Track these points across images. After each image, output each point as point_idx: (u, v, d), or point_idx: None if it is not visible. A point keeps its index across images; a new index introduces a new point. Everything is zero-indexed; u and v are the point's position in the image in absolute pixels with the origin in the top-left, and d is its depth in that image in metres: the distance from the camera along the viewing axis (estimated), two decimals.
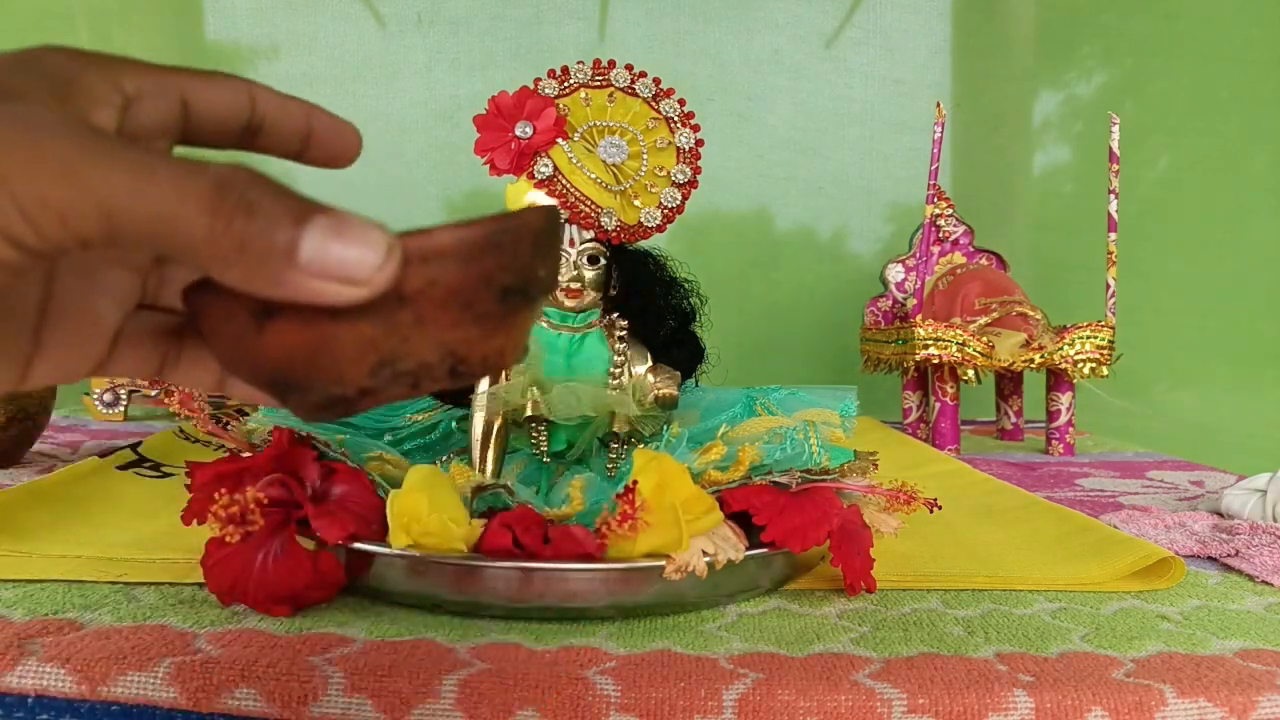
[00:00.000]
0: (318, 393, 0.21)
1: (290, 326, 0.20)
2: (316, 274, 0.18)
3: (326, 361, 0.20)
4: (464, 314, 0.21)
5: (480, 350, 0.22)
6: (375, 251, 0.19)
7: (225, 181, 0.18)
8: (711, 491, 0.42)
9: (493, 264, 0.21)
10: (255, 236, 0.18)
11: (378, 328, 0.20)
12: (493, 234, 0.21)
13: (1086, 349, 0.85)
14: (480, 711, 0.32)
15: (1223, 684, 0.33)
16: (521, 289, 0.22)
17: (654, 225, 0.47)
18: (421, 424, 0.51)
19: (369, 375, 0.21)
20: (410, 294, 0.20)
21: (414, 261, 0.20)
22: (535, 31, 1.20)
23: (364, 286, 0.19)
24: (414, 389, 0.22)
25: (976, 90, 1.26)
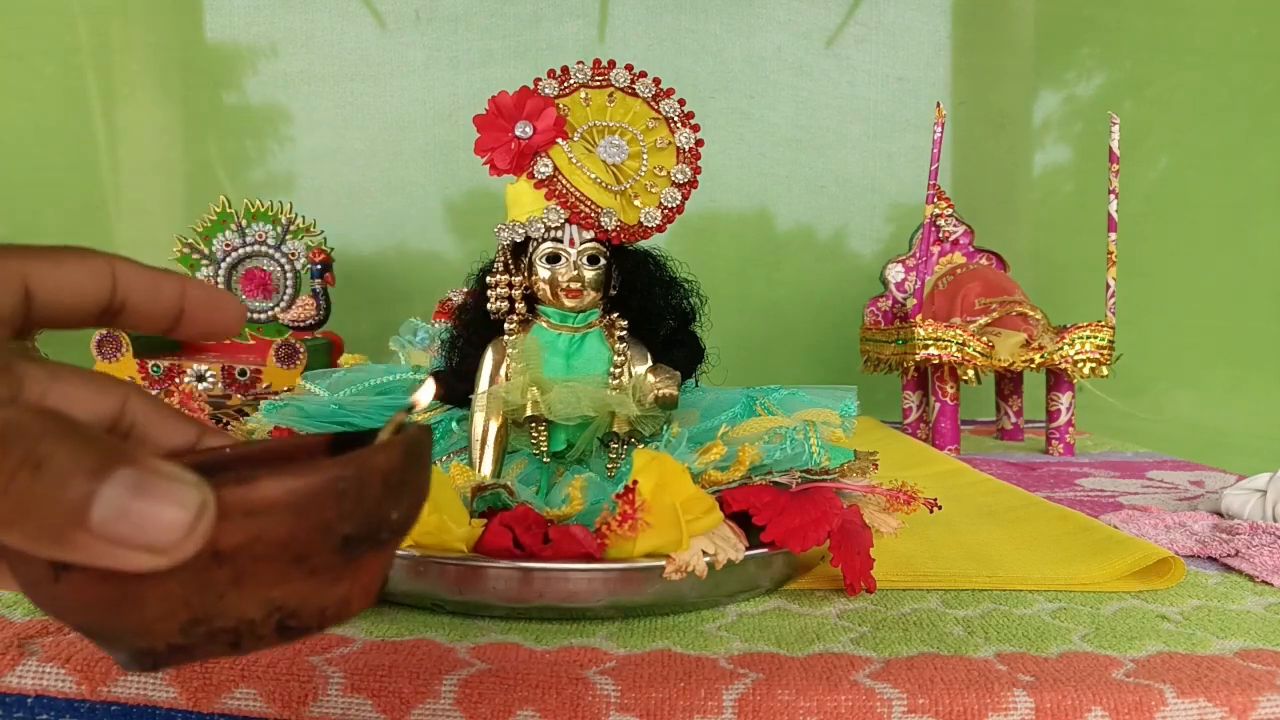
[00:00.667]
0: (124, 644, 0.19)
1: (88, 580, 0.18)
2: (111, 538, 0.16)
3: (130, 616, 0.18)
4: (294, 568, 0.18)
5: (316, 602, 0.19)
6: (183, 513, 0.16)
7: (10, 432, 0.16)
8: (711, 491, 0.42)
9: (332, 513, 0.18)
10: (40, 498, 0.16)
11: (188, 586, 0.18)
12: (331, 482, 0.18)
13: (1086, 349, 0.85)
14: (480, 711, 0.32)
15: (1223, 684, 0.33)
16: (370, 535, 0.19)
17: (654, 225, 0.47)
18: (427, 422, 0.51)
19: (180, 633, 0.18)
20: (228, 551, 0.18)
21: (235, 516, 0.17)
22: (535, 29, 1.19)
23: (165, 555, 0.16)
24: (235, 648, 0.19)
25: (978, 89, 1.25)
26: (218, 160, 1.20)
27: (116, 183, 1.20)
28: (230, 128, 1.21)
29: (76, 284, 0.21)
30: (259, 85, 1.20)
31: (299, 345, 0.97)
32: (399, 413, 0.22)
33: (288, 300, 1.00)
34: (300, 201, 1.02)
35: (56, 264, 0.21)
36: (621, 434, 0.47)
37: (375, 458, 0.19)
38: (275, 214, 0.99)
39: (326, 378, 0.55)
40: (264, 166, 1.22)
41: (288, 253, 1.00)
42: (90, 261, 0.21)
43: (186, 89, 1.19)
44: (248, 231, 0.99)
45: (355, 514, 0.19)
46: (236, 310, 0.24)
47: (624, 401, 0.45)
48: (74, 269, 0.21)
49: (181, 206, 1.20)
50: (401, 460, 0.20)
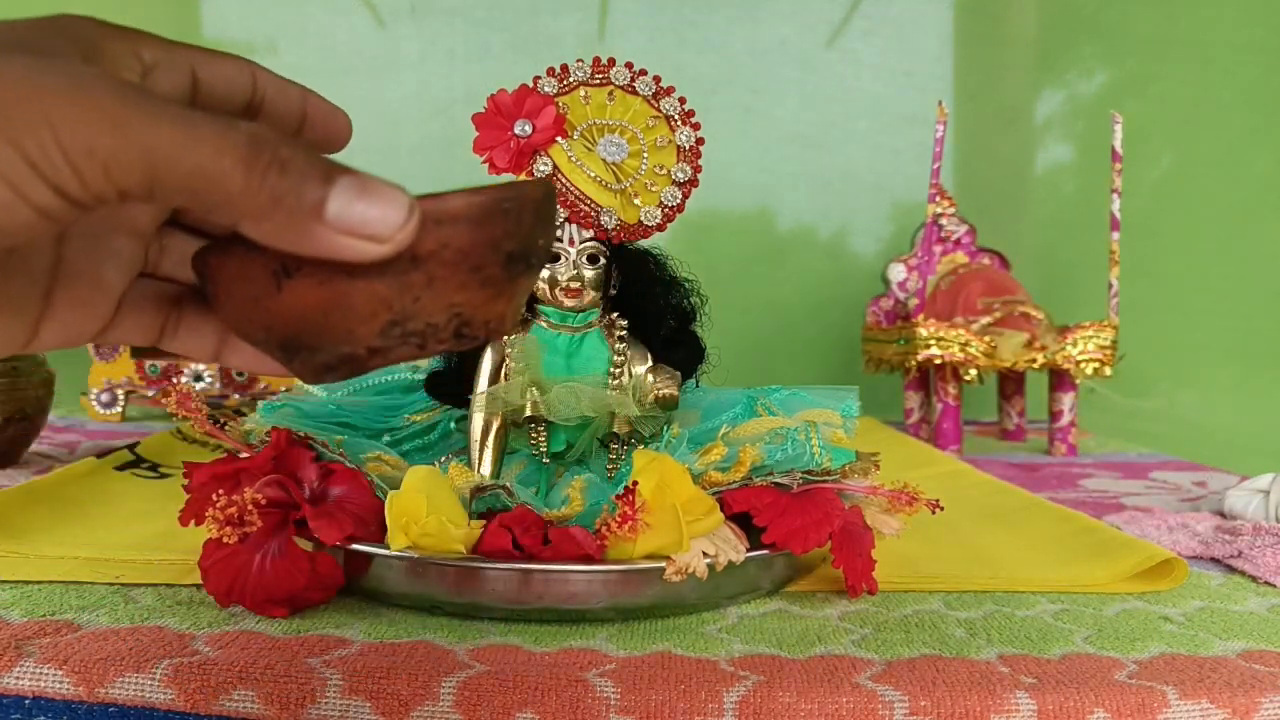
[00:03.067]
0: (328, 352, 0.22)
1: (308, 285, 0.21)
2: (342, 229, 0.19)
3: (339, 320, 0.21)
4: (472, 277, 0.21)
5: (484, 313, 0.22)
6: (397, 210, 0.20)
7: (259, 139, 0.19)
8: (712, 492, 0.41)
9: (500, 230, 0.21)
10: (287, 192, 0.19)
11: (391, 287, 0.21)
12: (500, 201, 0.21)
13: (1089, 349, 0.85)
14: (479, 714, 0.31)
15: (1225, 685, 0.33)
16: (524, 256, 0.22)
17: (654, 224, 0.46)
18: (420, 424, 0.51)
19: (379, 334, 0.21)
20: (424, 255, 0.21)
21: (428, 223, 0.20)
22: (533, 22, 1.18)
23: (385, 243, 0.20)
24: (420, 349, 0.22)
25: (982, 85, 1.25)
26: None
27: None
28: None
29: (229, 76, 0.24)
30: None
31: None
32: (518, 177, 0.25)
33: None
34: None
35: (215, 59, 0.24)
36: (621, 434, 0.47)
37: (527, 188, 0.22)
38: None
39: None
40: None
41: None
42: (238, 60, 0.24)
43: None
44: None
45: (517, 233, 0.22)
46: (347, 122, 0.27)
47: (624, 402, 0.45)
48: (227, 64, 0.24)
49: None
50: (544, 194, 0.23)
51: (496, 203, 0.21)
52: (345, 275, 0.21)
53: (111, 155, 0.18)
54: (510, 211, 0.22)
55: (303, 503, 0.39)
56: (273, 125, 0.25)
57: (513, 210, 0.22)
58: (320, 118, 0.26)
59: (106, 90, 0.18)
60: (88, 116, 0.18)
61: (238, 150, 0.19)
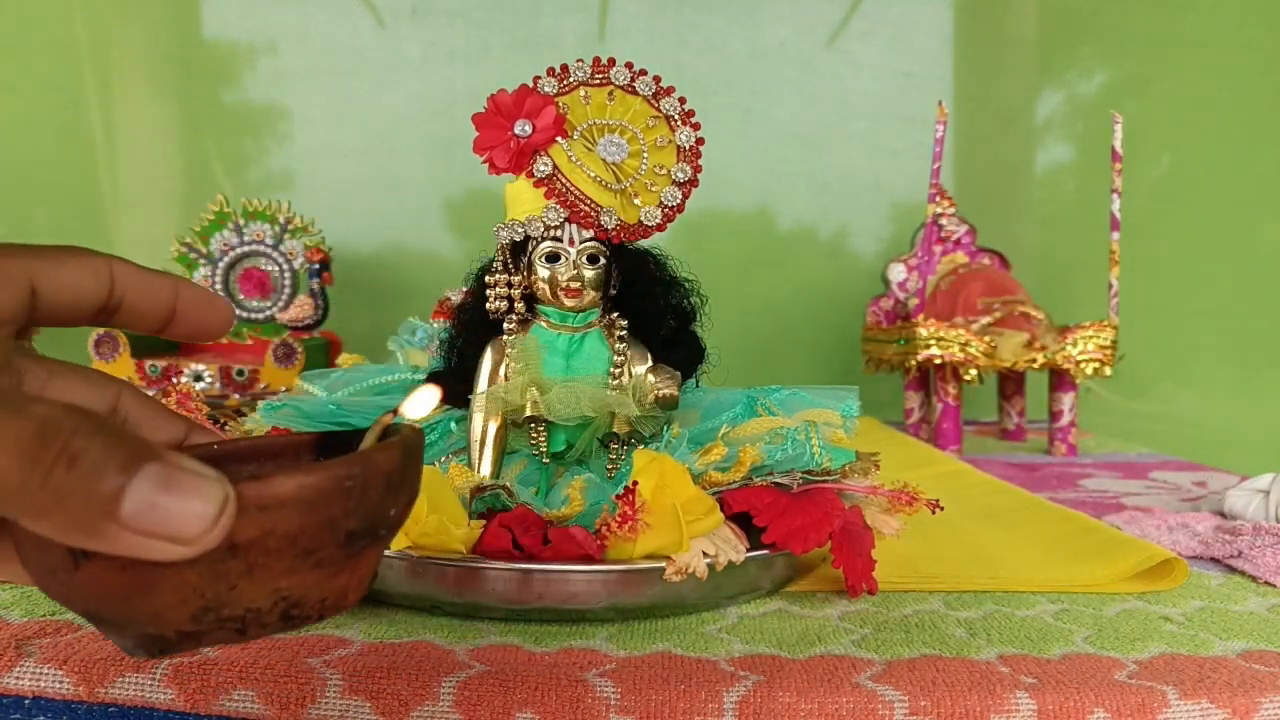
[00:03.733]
0: (132, 631, 0.20)
1: (107, 569, 0.19)
2: (140, 530, 0.17)
3: (143, 604, 0.19)
4: (301, 561, 0.20)
5: (318, 593, 0.21)
6: (206, 506, 0.18)
7: (49, 427, 0.17)
8: (712, 492, 0.41)
9: (338, 509, 0.20)
10: (75, 489, 0.17)
11: (203, 576, 0.19)
12: (340, 480, 0.20)
13: (1089, 349, 0.85)
14: (479, 714, 0.31)
15: (1225, 685, 0.33)
16: (370, 531, 0.21)
17: (654, 224, 0.46)
18: (420, 424, 0.50)
19: (190, 620, 0.20)
20: (243, 544, 0.19)
21: (249, 510, 0.19)
22: (533, 23, 1.18)
23: (190, 545, 0.18)
24: (240, 634, 0.20)
25: (981, 85, 1.25)
26: (215, 158, 1.20)
27: (113, 181, 1.19)
28: (228, 125, 1.20)
29: (78, 283, 0.22)
30: (256, 82, 1.19)
31: (297, 345, 0.96)
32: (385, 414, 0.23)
33: (285, 300, 0.99)
34: (298, 200, 1.02)
35: (60, 263, 0.22)
36: (621, 434, 0.47)
37: (378, 458, 0.21)
38: (273, 213, 0.99)
39: (324, 377, 0.55)
40: (262, 165, 1.22)
41: (285, 252, 0.99)
42: (91, 261, 0.22)
43: (183, 86, 1.19)
44: (245, 230, 0.99)
45: (360, 511, 0.20)
46: (225, 312, 0.25)
47: (624, 402, 0.45)
48: (76, 268, 0.22)
49: (179, 205, 1.20)
50: (401, 460, 0.21)
51: (336, 482, 0.20)
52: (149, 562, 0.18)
53: None
54: (353, 489, 0.20)
55: None
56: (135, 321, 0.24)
57: (356, 488, 0.20)
58: (192, 311, 0.24)
59: None
60: None
61: (19, 443, 0.17)
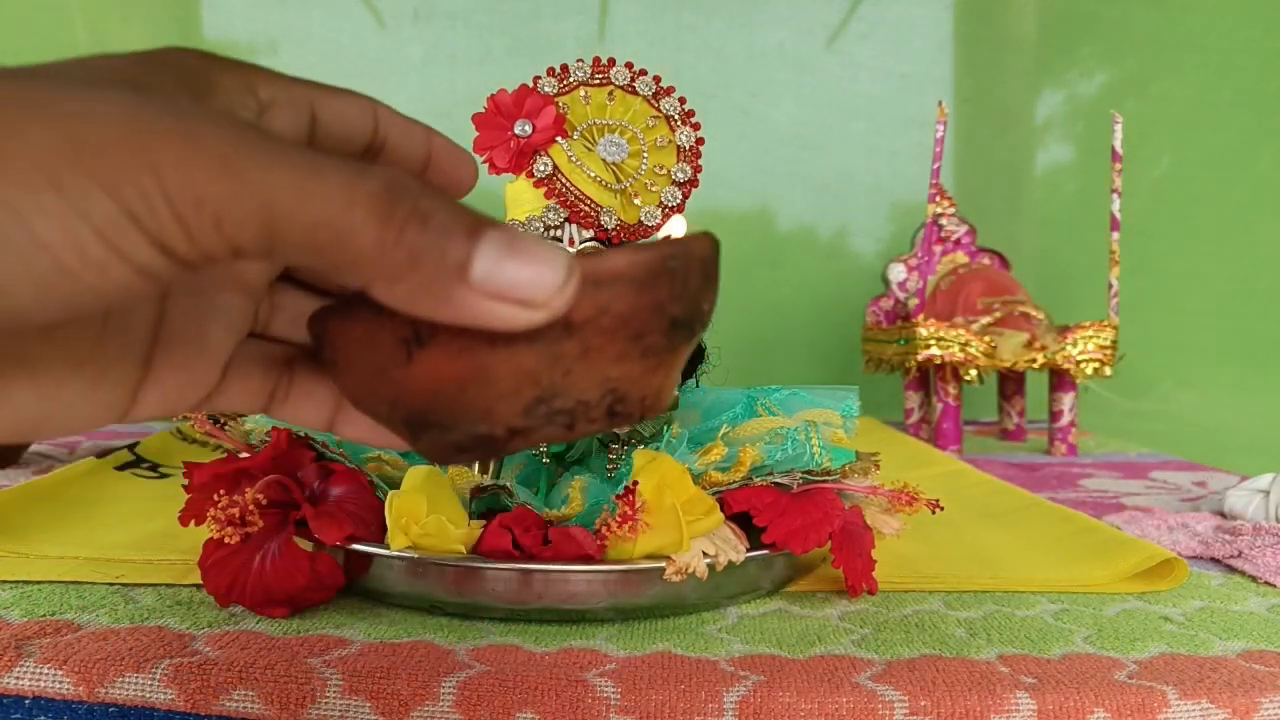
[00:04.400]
0: (461, 431, 0.19)
1: (444, 355, 0.18)
2: (490, 294, 0.17)
3: (478, 395, 0.18)
4: (632, 346, 0.19)
5: (641, 389, 0.20)
6: (554, 271, 0.17)
7: (396, 188, 0.16)
8: (712, 492, 0.41)
9: (665, 292, 0.19)
10: (427, 250, 0.16)
11: (540, 359, 0.18)
12: (665, 259, 0.19)
13: (1089, 349, 0.85)
14: (479, 714, 0.31)
15: (1225, 685, 0.33)
16: (689, 321, 0.20)
17: (654, 224, 0.46)
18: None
19: (523, 413, 0.19)
20: (579, 322, 0.18)
21: (585, 286, 0.18)
22: (534, 26, 1.19)
23: (539, 310, 0.17)
24: (569, 430, 0.19)
25: (980, 86, 1.25)
26: None
27: None
28: None
29: (350, 116, 0.22)
30: None
31: None
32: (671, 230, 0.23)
33: None
34: None
35: (335, 96, 0.22)
36: (621, 434, 0.47)
37: (694, 244, 0.20)
38: None
39: None
40: None
41: None
42: (360, 99, 0.23)
43: None
44: None
45: (682, 296, 0.19)
46: (473, 166, 0.24)
47: None
48: (350, 101, 0.22)
49: None
50: (712, 249, 0.21)
51: (662, 261, 0.19)
52: (487, 344, 0.18)
53: (224, 206, 0.16)
54: (676, 271, 0.19)
55: (303, 503, 0.39)
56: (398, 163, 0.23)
57: (679, 269, 0.19)
58: (445, 161, 0.24)
59: (219, 131, 0.16)
60: (197, 161, 0.15)
61: (371, 201, 0.16)
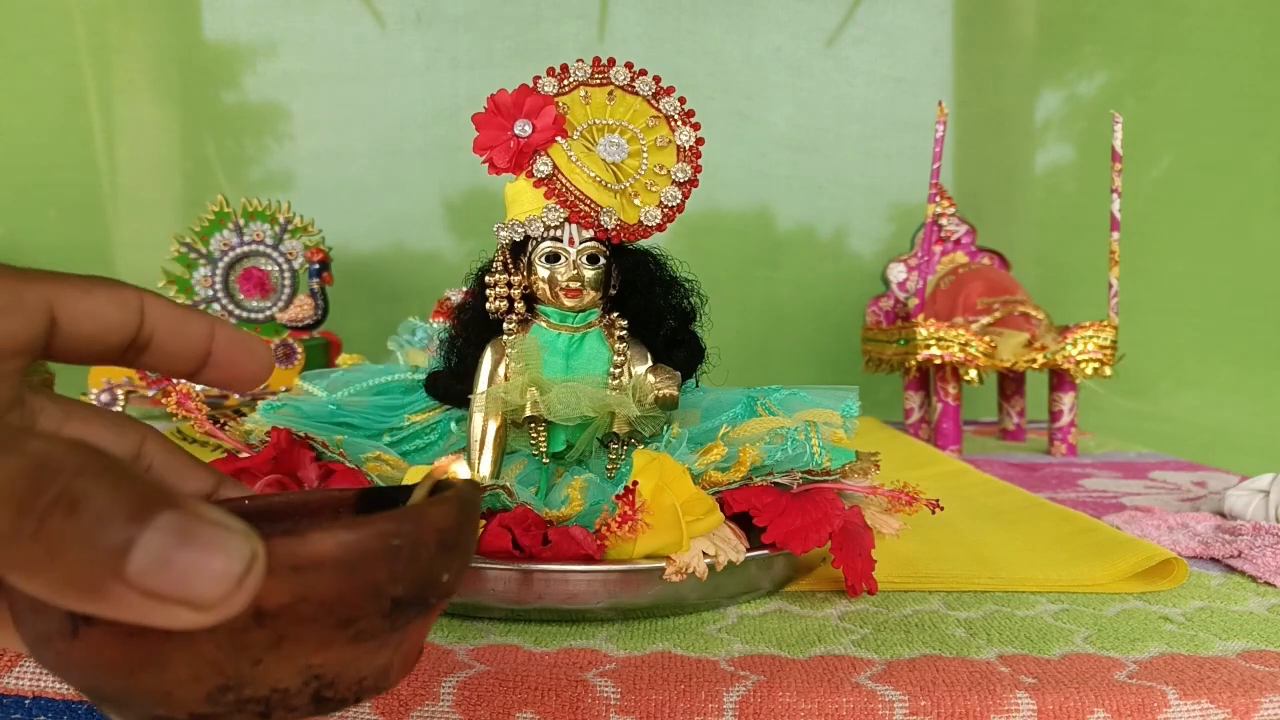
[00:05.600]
0: (138, 712, 0.17)
1: (110, 637, 0.16)
2: (149, 591, 0.14)
3: (151, 680, 0.16)
4: (338, 633, 0.17)
5: (355, 672, 0.18)
6: (230, 563, 0.15)
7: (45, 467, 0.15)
8: (712, 492, 0.41)
9: (384, 573, 0.17)
10: (73, 541, 0.14)
11: (222, 649, 0.16)
12: (387, 537, 0.17)
13: (1089, 349, 0.85)
14: (479, 713, 0.31)
15: (1225, 685, 0.33)
16: (419, 599, 0.18)
17: (654, 224, 0.46)
18: (420, 424, 0.51)
19: (206, 700, 0.17)
20: (272, 610, 0.16)
21: (281, 571, 0.16)
22: (535, 30, 1.19)
23: (209, 611, 0.15)
24: (265, 718, 0.17)
25: (979, 89, 1.25)
26: (216, 159, 1.20)
27: (115, 182, 1.19)
28: (229, 127, 1.20)
29: (104, 315, 0.20)
30: (258, 84, 1.19)
31: (296, 345, 0.96)
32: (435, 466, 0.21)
33: (285, 300, 1.00)
34: (299, 201, 1.02)
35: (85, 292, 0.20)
36: (621, 434, 0.47)
37: (430, 513, 0.18)
38: (273, 213, 0.99)
39: (324, 378, 0.55)
40: (262, 166, 1.22)
41: (285, 252, 0.99)
42: (120, 293, 0.20)
43: (185, 88, 1.19)
44: (245, 231, 0.99)
45: (408, 574, 0.17)
46: (264, 358, 0.22)
47: (624, 402, 0.45)
48: (103, 299, 0.20)
49: (179, 205, 1.20)
50: (456, 517, 0.19)
51: (382, 540, 0.17)
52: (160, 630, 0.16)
53: None
54: (402, 550, 0.17)
55: None
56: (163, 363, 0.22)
57: (405, 547, 0.17)
58: (227, 355, 0.22)
59: None
60: None
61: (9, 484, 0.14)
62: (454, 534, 0.18)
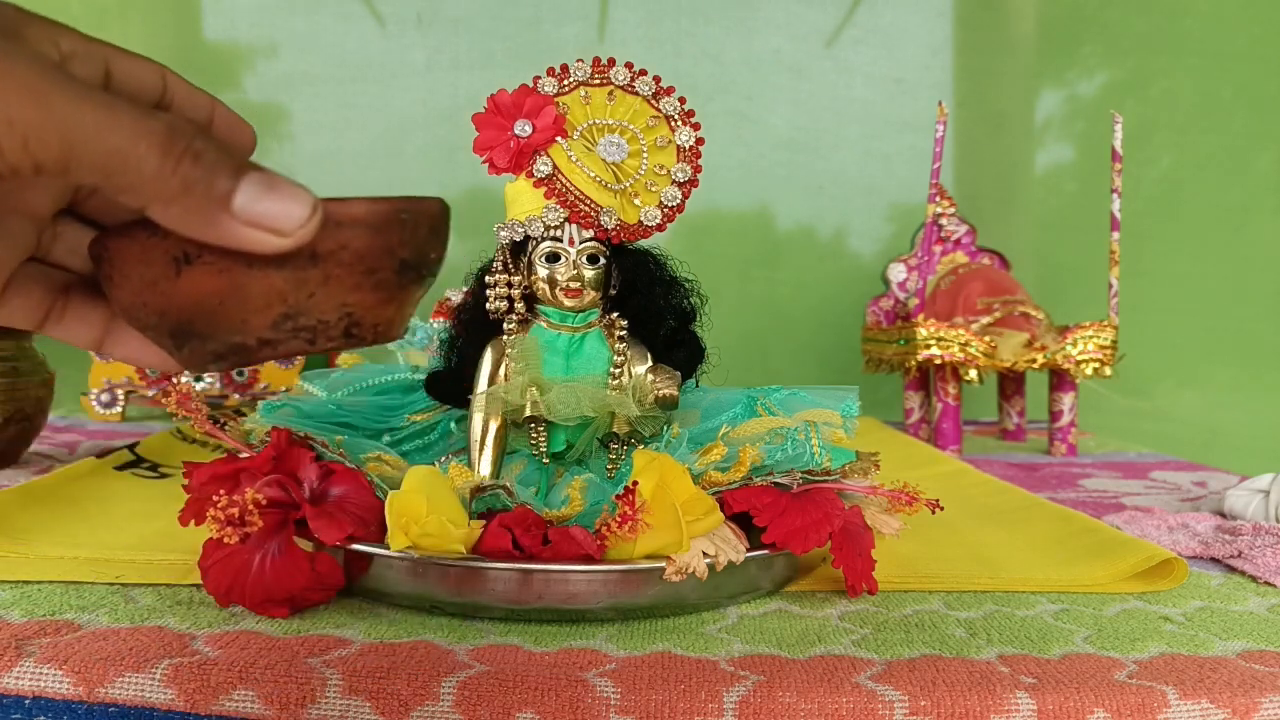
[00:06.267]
0: (219, 340, 0.22)
1: (207, 272, 0.22)
2: (248, 221, 0.21)
3: (234, 309, 0.22)
4: (366, 279, 0.23)
5: (374, 316, 0.24)
6: (301, 208, 0.21)
7: (177, 128, 0.20)
8: (712, 492, 0.41)
9: (396, 237, 0.23)
10: (198, 180, 0.20)
11: (288, 281, 0.22)
12: (398, 210, 0.23)
13: (1089, 349, 0.85)
14: (479, 714, 0.31)
15: (1225, 685, 0.33)
16: (416, 265, 0.24)
17: (654, 224, 0.46)
18: (420, 424, 0.51)
19: (272, 326, 0.22)
20: (322, 254, 0.22)
21: (330, 224, 0.22)
22: (535, 31, 1.19)
23: (287, 238, 0.21)
24: (310, 344, 0.23)
25: (978, 89, 1.25)
26: None
27: None
28: None
29: (141, 74, 0.25)
30: (258, 85, 1.20)
31: None
32: None
33: None
34: None
35: (128, 57, 0.24)
36: (621, 434, 0.47)
37: (426, 203, 0.24)
38: None
39: (324, 378, 0.55)
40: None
41: None
42: (150, 63, 0.25)
43: None
44: None
45: (411, 242, 0.23)
46: (252, 134, 0.27)
47: (624, 402, 0.45)
48: (140, 64, 0.25)
49: None
50: (440, 210, 0.24)
51: (395, 212, 0.23)
52: (244, 266, 0.21)
53: (31, 128, 0.19)
54: (407, 222, 0.23)
55: (303, 503, 0.39)
56: None
57: (409, 221, 0.23)
58: (225, 126, 0.26)
59: (29, 66, 0.19)
60: (10, 88, 0.19)
61: (155, 135, 0.20)
62: (439, 222, 0.24)
